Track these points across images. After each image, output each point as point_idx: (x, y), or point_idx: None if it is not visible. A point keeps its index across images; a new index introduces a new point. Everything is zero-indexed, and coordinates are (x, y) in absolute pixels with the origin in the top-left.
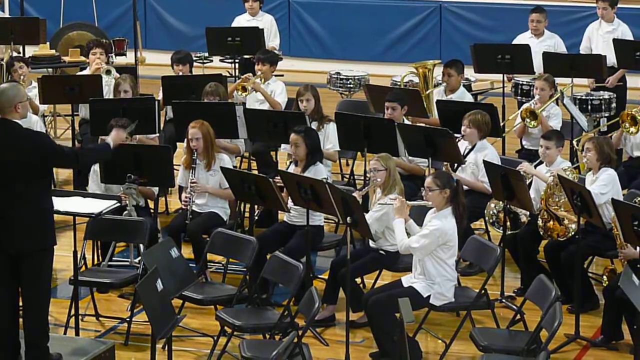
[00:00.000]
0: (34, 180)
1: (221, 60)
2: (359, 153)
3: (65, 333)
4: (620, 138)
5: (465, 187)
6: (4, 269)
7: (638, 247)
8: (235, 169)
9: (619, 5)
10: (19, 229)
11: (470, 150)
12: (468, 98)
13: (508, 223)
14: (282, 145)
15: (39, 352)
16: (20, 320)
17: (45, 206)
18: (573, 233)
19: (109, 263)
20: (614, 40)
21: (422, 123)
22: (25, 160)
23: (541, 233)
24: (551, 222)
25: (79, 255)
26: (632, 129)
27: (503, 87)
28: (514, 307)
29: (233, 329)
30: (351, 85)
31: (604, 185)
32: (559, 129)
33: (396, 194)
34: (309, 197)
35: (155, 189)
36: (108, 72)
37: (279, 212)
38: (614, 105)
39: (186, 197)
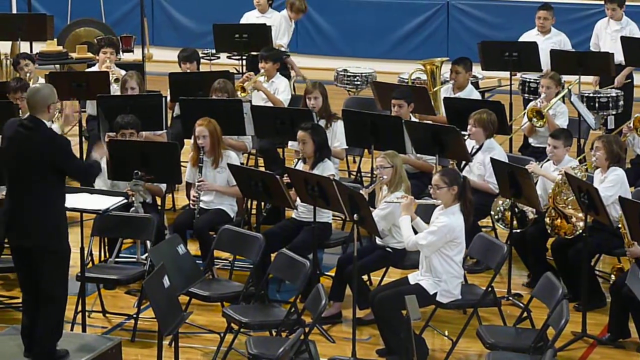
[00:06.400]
0: (50, 180)
1: (228, 57)
2: (366, 150)
3: (72, 329)
4: (626, 140)
5: None
6: (22, 265)
7: None
8: (243, 166)
9: (627, 3)
10: (28, 225)
11: (478, 149)
12: (475, 95)
13: (515, 221)
14: (289, 142)
15: (44, 349)
16: None
17: (58, 208)
18: (580, 231)
19: (116, 259)
20: (622, 37)
21: (430, 120)
22: (44, 160)
23: (548, 231)
24: (559, 220)
25: (85, 252)
26: None
27: (510, 84)
28: (521, 304)
29: (240, 325)
30: (358, 83)
31: (611, 187)
32: (565, 127)
33: (402, 192)
34: (316, 194)
35: (163, 186)
36: (117, 80)
37: (287, 208)
38: (621, 103)
39: (194, 196)
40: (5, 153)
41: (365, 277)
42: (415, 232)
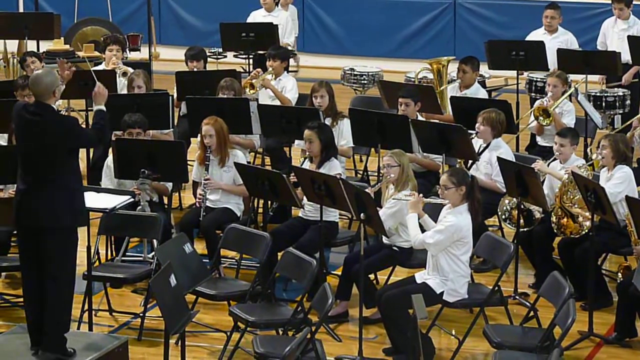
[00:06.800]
0: (62, 162)
1: (235, 56)
2: (372, 149)
3: (78, 328)
4: (633, 136)
5: None
6: (28, 250)
7: None
8: (249, 165)
9: (634, 3)
10: (40, 205)
11: (485, 148)
12: (482, 94)
13: (521, 220)
14: (296, 141)
15: (53, 341)
16: None
17: (71, 186)
18: (587, 230)
19: (123, 258)
20: (629, 37)
21: (436, 119)
22: (56, 146)
23: (555, 230)
24: (565, 219)
25: (92, 251)
26: None
27: (517, 83)
28: (528, 303)
29: (246, 324)
30: (365, 81)
31: (619, 184)
32: (572, 126)
33: (409, 190)
34: (323, 193)
35: (170, 185)
36: (124, 74)
37: (293, 207)
38: (628, 102)
39: (200, 195)
40: (16, 142)
41: (372, 276)
42: (423, 230)
